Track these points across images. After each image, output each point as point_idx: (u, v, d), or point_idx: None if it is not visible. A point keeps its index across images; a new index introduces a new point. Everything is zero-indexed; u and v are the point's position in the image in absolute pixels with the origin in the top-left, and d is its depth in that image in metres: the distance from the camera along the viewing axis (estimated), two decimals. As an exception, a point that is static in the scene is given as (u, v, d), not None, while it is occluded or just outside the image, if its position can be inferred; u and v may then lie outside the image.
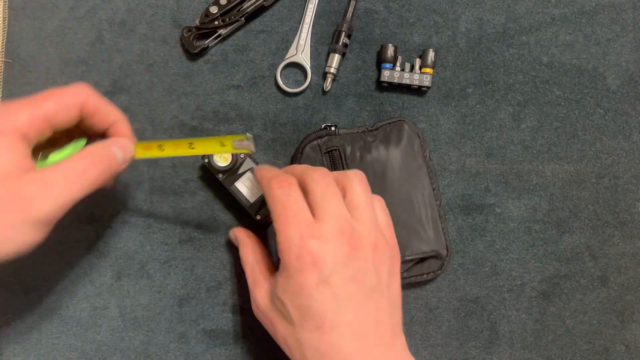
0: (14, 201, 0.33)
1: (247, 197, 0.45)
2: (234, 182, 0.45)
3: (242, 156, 0.45)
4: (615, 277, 0.49)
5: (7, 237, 0.33)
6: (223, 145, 0.40)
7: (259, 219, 0.45)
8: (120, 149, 0.38)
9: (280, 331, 0.37)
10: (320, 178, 0.37)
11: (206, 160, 0.45)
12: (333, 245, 0.35)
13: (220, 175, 0.45)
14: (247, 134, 0.40)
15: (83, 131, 0.40)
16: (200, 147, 0.40)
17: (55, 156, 0.37)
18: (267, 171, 0.40)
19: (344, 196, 0.37)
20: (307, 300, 0.35)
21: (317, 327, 0.35)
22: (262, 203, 0.45)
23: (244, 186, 0.45)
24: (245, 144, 0.39)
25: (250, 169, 0.45)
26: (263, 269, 0.41)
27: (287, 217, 0.36)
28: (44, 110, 0.35)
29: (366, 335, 0.35)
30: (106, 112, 0.39)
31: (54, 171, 0.35)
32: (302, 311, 0.35)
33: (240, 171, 0.45)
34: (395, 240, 0.39)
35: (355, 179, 0.38)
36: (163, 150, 0.40)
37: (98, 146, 0.37)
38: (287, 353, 0.37)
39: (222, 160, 0.44)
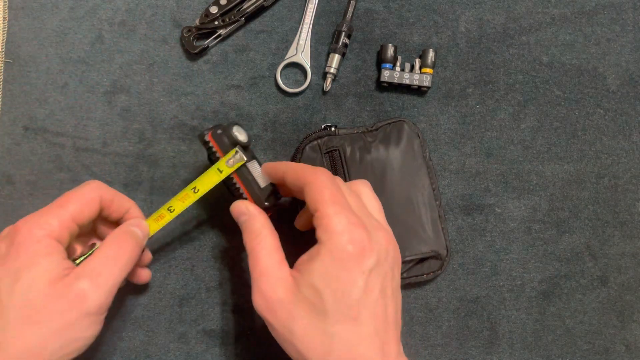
0: (68, 299, 0.35)
1: (258, 182, 0.42)
2: (248, 161, 0.42)
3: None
4: (615, 277, 0.49)
5: (70, 338, 0.36)
6: (220, 171, 0.41)
7: (266, 206, 0.42)
8: (137, 227, 0.41)
9: (301, 324, 0.34)
10: (341, 182, 0.39)
11: (219, 132, 0.41)
12: (376, 237, 0.36)
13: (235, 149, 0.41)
14: (238, 147, 0.41)
15: (99, 236, 0.44)
16: (203, 185, 0.41)
17: (81, 260, 0.39)
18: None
19: None
20: (350, 287, 0.34)
21: (354, 318, 0.34)
22: (270, 192, 0.42)
23: (255, 169, 0.42)
24: (237, 157, 0.41)
25: (256, 159, 0.43)
26: (283, 257, 0.38)
27: (338, 203, 0.35)
28: (70, 212, 0.38)
29: (389, 331, 0.36)
30: (120, 201, 0.41)
31: (91, 262, 0.37)
32: (342, 300, 0.34)
33: (247, 158, 0.42)
34: None
35: (366, 186, 0.40)
36: (173, 211, 0.42)
37: (118, 230, 0.40)
38: (301, 347, 0.35)
39: (241, 135, 0.42)
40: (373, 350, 0.34)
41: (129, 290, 0.47)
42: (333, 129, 0.47)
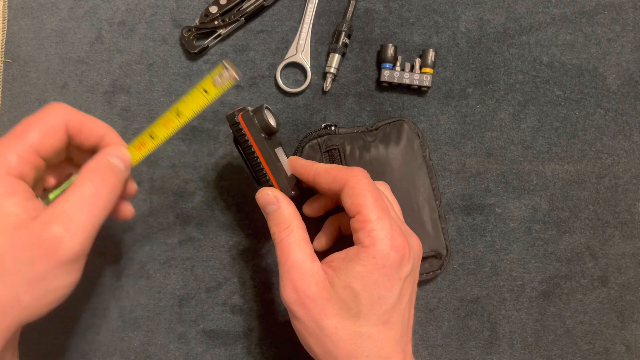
0: (39, 247, 0.31)
1: (286, 170, 0.40)
2: (275, 147, 0.40)
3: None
4: (616, 277, 0.49)
5: (46, 289, 0.31)
6: (206, 92, 0.36)
7: (293, 195, 0.39)
8: (117, 157, 0.35)
9: (332, 322, 0.34)
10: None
11: (250, 113, 0.39)
12: (411, 243, 0.36)
13: (264, 135, 0.39)
14: (223, 61, 0.36)
15: (76, 164, 0.38)
16: (187, 109, 0.37)
17: (55, 194, 0.35)
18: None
19: None
20: (388, 294, 0.35)
21: (385, 321, 0.35)
22: (296, 181, 0.41)
23: (283, 157, 0.41)
24: (228, 75, 0.36)
25: (281, 146, 0.42)
26: (312, 249, 0.37)
27: (381, 208, 0.35)
28: (31, 143, 0.33)
29: (409, 332, 0.37)
30: (92, 126, 0.36)
31: (65, 202, 0.32)
32: (378, 305, 0.35)
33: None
34: None
35: (388, 188, 0.41)
36: (155, 137, 0.37)
37: (94, 163, 0.34)
38: (329, 344, 0.35)
39: (271, 119, 0.40)
40: (396, 351, 0.35)
41: (128, 290, 0.47)
42: (333, 128, 0.47)
